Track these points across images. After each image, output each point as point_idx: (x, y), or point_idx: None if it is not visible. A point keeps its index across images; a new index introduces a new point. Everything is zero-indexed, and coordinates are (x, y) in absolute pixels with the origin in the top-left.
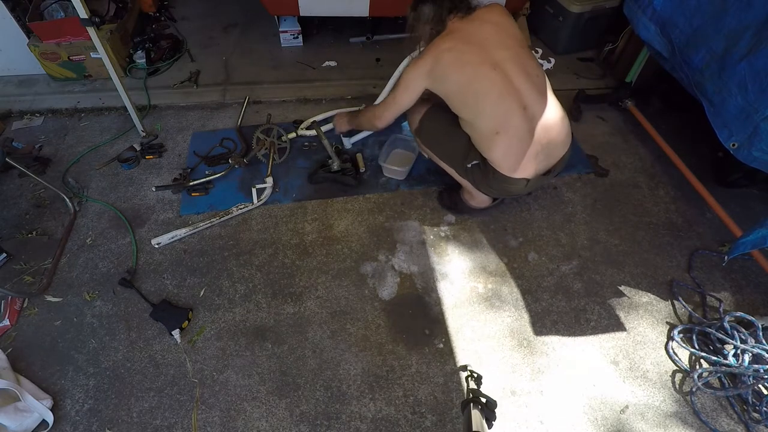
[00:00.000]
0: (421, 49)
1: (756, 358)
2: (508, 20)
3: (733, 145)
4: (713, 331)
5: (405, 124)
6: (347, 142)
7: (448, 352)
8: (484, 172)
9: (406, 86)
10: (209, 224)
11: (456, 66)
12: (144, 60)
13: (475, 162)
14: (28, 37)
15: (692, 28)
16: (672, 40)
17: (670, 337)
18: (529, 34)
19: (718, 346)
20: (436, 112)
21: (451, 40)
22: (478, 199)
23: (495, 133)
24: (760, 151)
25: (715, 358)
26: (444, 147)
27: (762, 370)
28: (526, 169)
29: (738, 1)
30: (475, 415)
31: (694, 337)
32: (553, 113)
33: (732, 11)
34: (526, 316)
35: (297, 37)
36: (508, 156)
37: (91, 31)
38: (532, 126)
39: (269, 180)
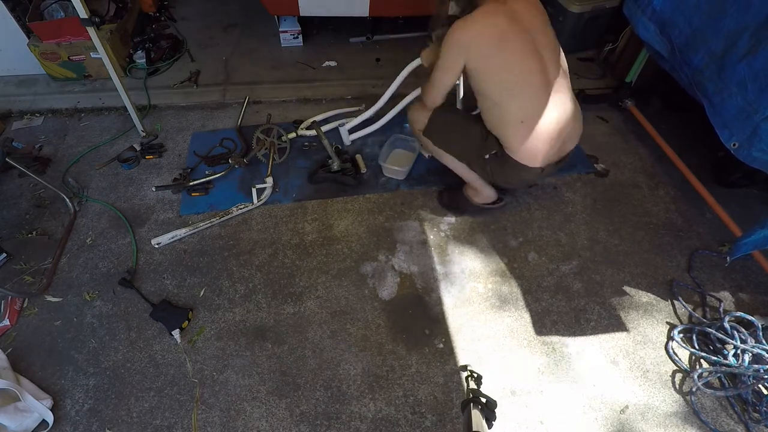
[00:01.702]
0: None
1: (756, 358)
2: (544, 13)
3: (734, 145)
4: (713, 331)
5: (407, 124)
6: (346, 139)
7: (448, 352)
8: (501, 162)
9: (444, 66)
10: (209, 224)
11: (498, 45)
12: (144, 60)
13: (493, 152)
14: (28, 37)
15: (691, 28)
16: (671, 40)
17: (670, 337)
18: None
19: (718, 346)
20: (446, 109)
21: (497, 15)
22: (483, 195)
23: (520, 122)
24: (761, 151)
25: (715, 358)
26: (458, 142)
27: (762, 370)
28: (540, 156)
29: (737, 1)
30: (475, 415)
31: (694, 337)
32: (572, 108)
33: (731, 12)
34: (526, 316)
35: (297, 37)
36: (525, 145)
37: (91, 31)
38: (554, 119)
39: (269, 180)
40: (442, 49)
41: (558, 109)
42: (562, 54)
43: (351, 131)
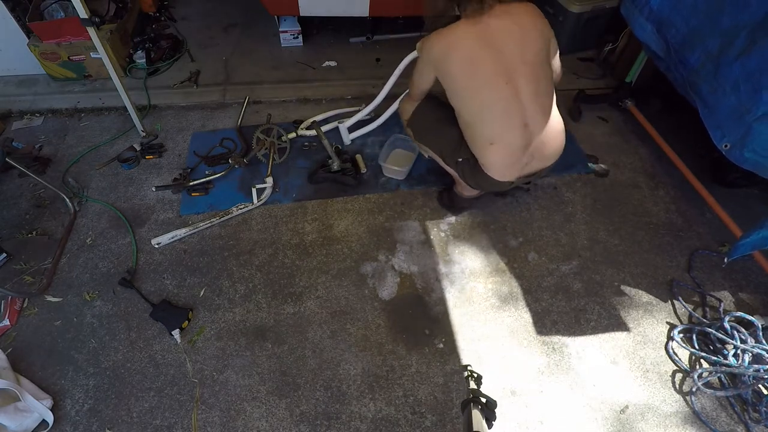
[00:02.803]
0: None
1: (756, 358)
2: (539, 24)
3: (726, 146)
4: (713, 331)
5: None
6: (346, 138)
7: (448, 352)
8: (473, 169)
9: (420, 71)
10: (209, 224)
11: (466, 68)
12: (144, 60)
13: (465, 158)
14: (28, 37)
15: (688, 28)
16: (668, 39)
17: (670, 337)
18: None
19: (718, 346)
20: (431, 104)
21: (468, 36)
22: (468, 188)
23: (489, 144)
24: (752, 152)
25: (715, 358)
26: (435, 140)
27: (762, 370)
28: (513, 174)
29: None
30: (476, 415)
31: (694, 337)
32: (551, 130)
33: (728, 10)
34: (526, 316)
35: (297, 37)
36: (498, 164)
37: (91, 31)
38: (528, 141)
39: (269, 180)
40: (418, 57)
41: (535, 134)
42: (548, 76)
43: (351, 129)
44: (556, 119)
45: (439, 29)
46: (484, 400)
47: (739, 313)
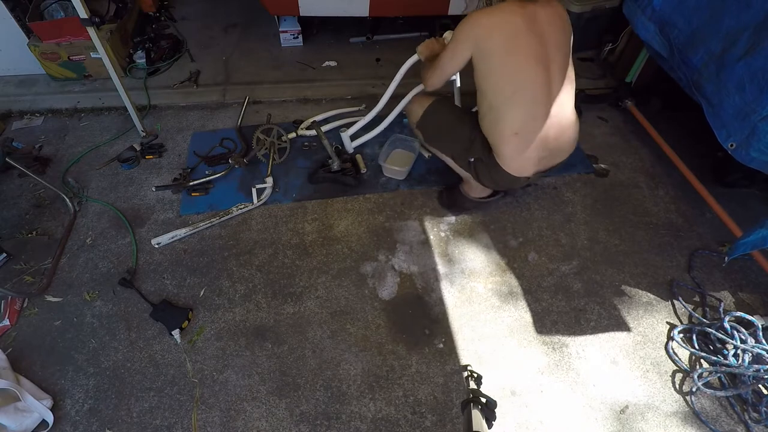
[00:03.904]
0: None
1: (756, 358)
2: (569, 21)
3: (731, 145)
4: (713, 331)
5: (406, 119)
6: (349, 147)
7: (448, 352)
8: (488, 166)
9: (453, 51)
10: (209, 224)
11: (509, 45)
12: (144, 60)
13: (477, 157)
14: (28, 37)
15: (691, 28)
16: (671, 40)
17: (670, 337)
18: None
19: (718, 346)
20: (440, 106)
21: (515, 15)
22: (477, 189)
23: (513, 134)
24: (758, 151)
25: (715, 358)
26: (446, 141)
27: (762, 370)
28: (529, 170)
29: (737, 1)
30: (475, 415)
31: (694, 337)
32: (569, 124)
33: (730, 11)
34: (526, 316)
35: (297, 37)
36: (517, 157)
37: (91, 31)
38: (548, 134)
39: (269, 180)
40: (455, 33)
41: (555, 127)
42: (572, 68)
43: (353, 137)
44: (573, 114)
45: (482, 8)
46: (484, 400)
47: (739, 313)
